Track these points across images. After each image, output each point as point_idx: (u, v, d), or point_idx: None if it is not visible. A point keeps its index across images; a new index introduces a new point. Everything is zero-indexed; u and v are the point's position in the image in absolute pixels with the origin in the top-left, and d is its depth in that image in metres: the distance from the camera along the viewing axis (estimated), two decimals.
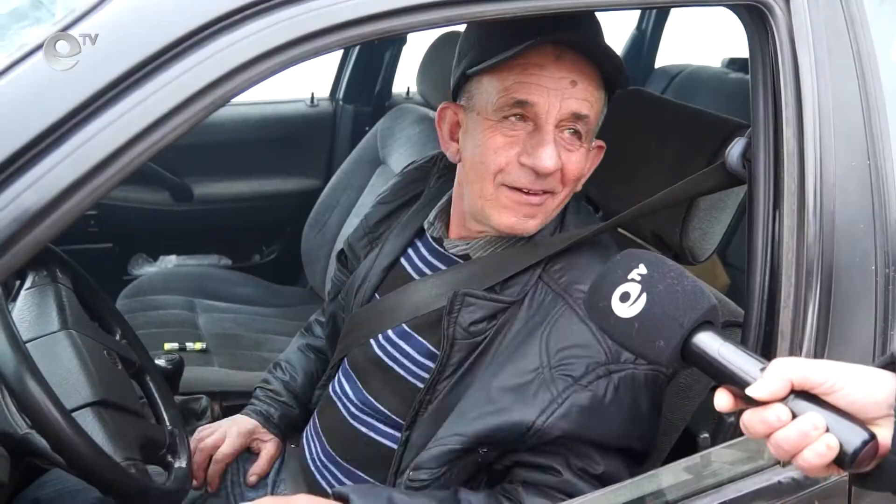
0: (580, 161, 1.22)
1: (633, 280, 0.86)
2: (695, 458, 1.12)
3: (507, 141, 1.19)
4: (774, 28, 1.08)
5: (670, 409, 1.32)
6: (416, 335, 1.32)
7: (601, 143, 1.29)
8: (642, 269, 0.87)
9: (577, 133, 1.20)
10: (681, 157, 1.38)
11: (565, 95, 1.17)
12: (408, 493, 1.16)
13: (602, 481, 1.15)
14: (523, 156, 1.18)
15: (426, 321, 1.30)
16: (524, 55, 1.16)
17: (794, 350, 1.10)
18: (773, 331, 1.10)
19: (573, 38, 1.18)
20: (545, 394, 1.14)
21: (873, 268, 1.13)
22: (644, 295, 0.85)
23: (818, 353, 1.10)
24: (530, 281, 1.24)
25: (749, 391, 0.78)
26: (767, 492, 1.09)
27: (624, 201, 1.34)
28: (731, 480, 1.09)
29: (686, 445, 1.28)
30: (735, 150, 1.16)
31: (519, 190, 1.20)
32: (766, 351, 1.11)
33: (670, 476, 1.11)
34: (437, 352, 1.25)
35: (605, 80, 1.22)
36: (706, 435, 1.14)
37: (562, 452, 1.15)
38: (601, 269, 0.92)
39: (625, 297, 0.86)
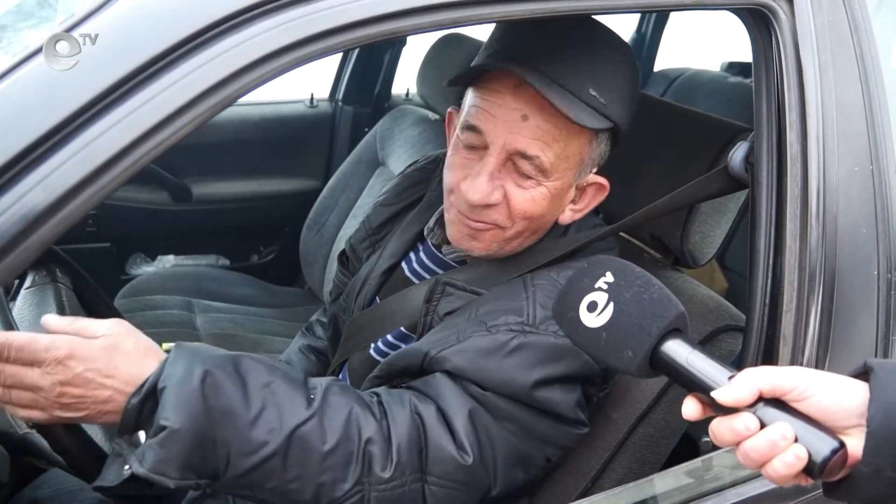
0: (533, 199, 1.16)
1: (599, 289, 0.85)
2: (696, 463, 1.12)
3: (461, 161, 1.18)
4: (778, 32, 1.08)
5: (670, 413, 1.31)
6: (413, 337, 1.31)
7: (602, 180, 1.24)
8: (609, 277, 0.85)
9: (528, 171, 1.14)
10: (682, 160, 1.38)
11: (513, 130, 1.11)
12: (255, 358, 1.01)
13: (482, 404, 1.08)
14: (464, 181, 1.16)
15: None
16: (492, 77, 1.13)
17: (797, 355, 1.10)
18: (775, 335, 1.10)
19: (528, 70, 1.08)
20: (452, 336, 1.13)
21: (875, 273, 1.13)
22: (611, 304, 0.84)
23: (820, 358, 1.11)
24: (515, 279, 1.23)
25: (714, 394, 0.78)
26: (769, 496, 1.09)
27: (624, 204, 1.34)
28: (733, 485, 1.10)
29: (686, 450, 1.28)
30: (738, 154, 1.16)
31: (461, 213, 1.19)
32: (768, 356, 1.11)
33: (672, 480, 1.11)
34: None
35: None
36: (708, 439, 1.14)
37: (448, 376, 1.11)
38: (570, 277, 0.90)
39: (592, 307, 0.85)
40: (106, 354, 0.91)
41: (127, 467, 0.89)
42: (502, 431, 1.08)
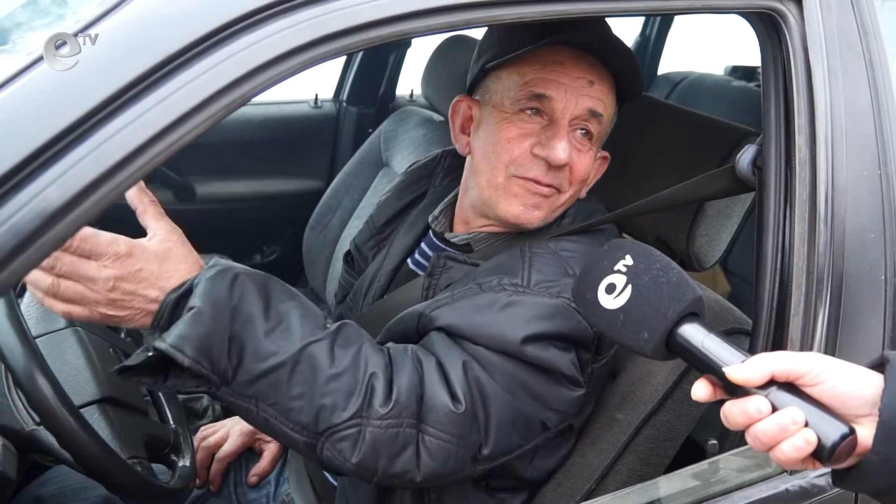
0: (588, 163, 1.26)
1: (618, 271, 0.87)
2: (702, 465, 1.12)
3: (520, 132, 1.22)
4: (787, 36, 1.09)
5: (675, 415, 1.32)
6: None
7: (606, 153, 1.33)
8: (628, 259, 0.87)
9: (588, 134, 1.24)
10: (688, 163, 1.39)
11: (582, 93, 1.21)
12: (282, 283, 1.05)
13: (475, 359, 1.09)
14: (536, 147, 1.21)
15: None
16: (544, 53, 1.20)
17: None
18: (782, 339, 1.10)
19: (592, 40, 1.21)
20: (447, 296, 1.17)
21: (883, 277, 1.13)
22: (629, 287, 0.85)
23: None
24: (513, 249, 1.26)
25: (726, 370, 0.78)
26: (775, 500, 1.09)
27: (629, 205, 1.35)
28: (739, 488, 1.10)
29: (690, 454, 1.28)
30: (746, 156, 1.17)
31: (530, 180, 1.22)
32: None
33: (678, 482, 1.11)
34: None
35: (616, 88, 1.26)
36: (714, 441, 1.14)
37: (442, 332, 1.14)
38: (589, 259, 0.92)
39: (611, 289, 0.86)
40: (161, 257, 0.97)
41: (149, 351, 0.92)
42: (495, 386, 1.09)
